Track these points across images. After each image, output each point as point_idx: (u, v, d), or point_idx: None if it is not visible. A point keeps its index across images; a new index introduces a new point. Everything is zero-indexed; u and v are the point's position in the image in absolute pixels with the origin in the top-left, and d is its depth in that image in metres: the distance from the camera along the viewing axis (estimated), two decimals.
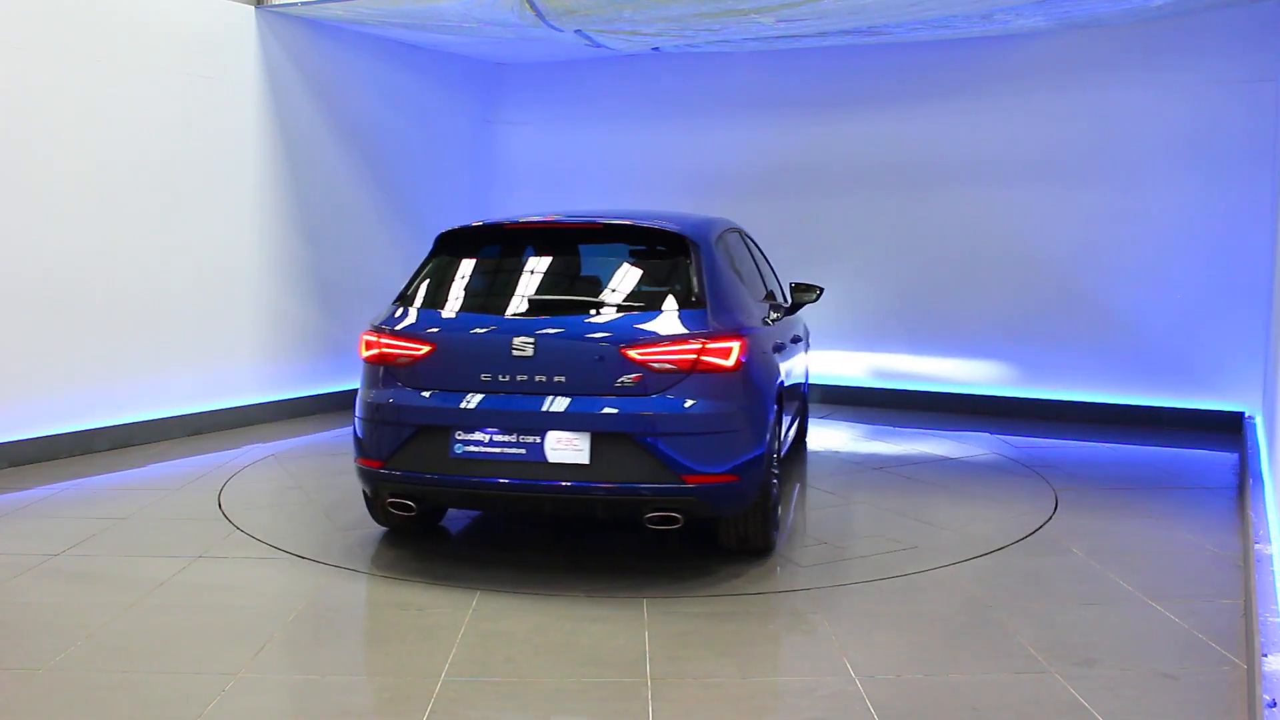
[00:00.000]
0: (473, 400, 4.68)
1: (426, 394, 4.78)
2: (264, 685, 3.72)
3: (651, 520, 4.64)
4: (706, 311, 4.78)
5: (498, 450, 4.64)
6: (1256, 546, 4.65)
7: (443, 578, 4.85)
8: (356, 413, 5.04)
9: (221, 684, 3.67)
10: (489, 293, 5.16)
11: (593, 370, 4.60)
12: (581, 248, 5.28)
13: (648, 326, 4.69)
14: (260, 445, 7.73)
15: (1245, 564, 4.81)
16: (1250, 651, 3.81)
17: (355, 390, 4.58)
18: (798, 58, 9.47)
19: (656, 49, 9.09)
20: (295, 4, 8.26)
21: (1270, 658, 3.39)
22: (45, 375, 7.04)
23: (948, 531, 5.61)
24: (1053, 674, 3.77)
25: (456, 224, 5.41)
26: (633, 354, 4.59)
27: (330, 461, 7.37)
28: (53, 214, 7.01)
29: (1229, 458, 7.41)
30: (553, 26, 7.90)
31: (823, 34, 8.06)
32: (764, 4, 7.05)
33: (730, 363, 4.65)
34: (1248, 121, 8.02)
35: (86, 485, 6.54)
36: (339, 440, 8.10)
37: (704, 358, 4.60)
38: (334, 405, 9.11)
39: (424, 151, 10.11)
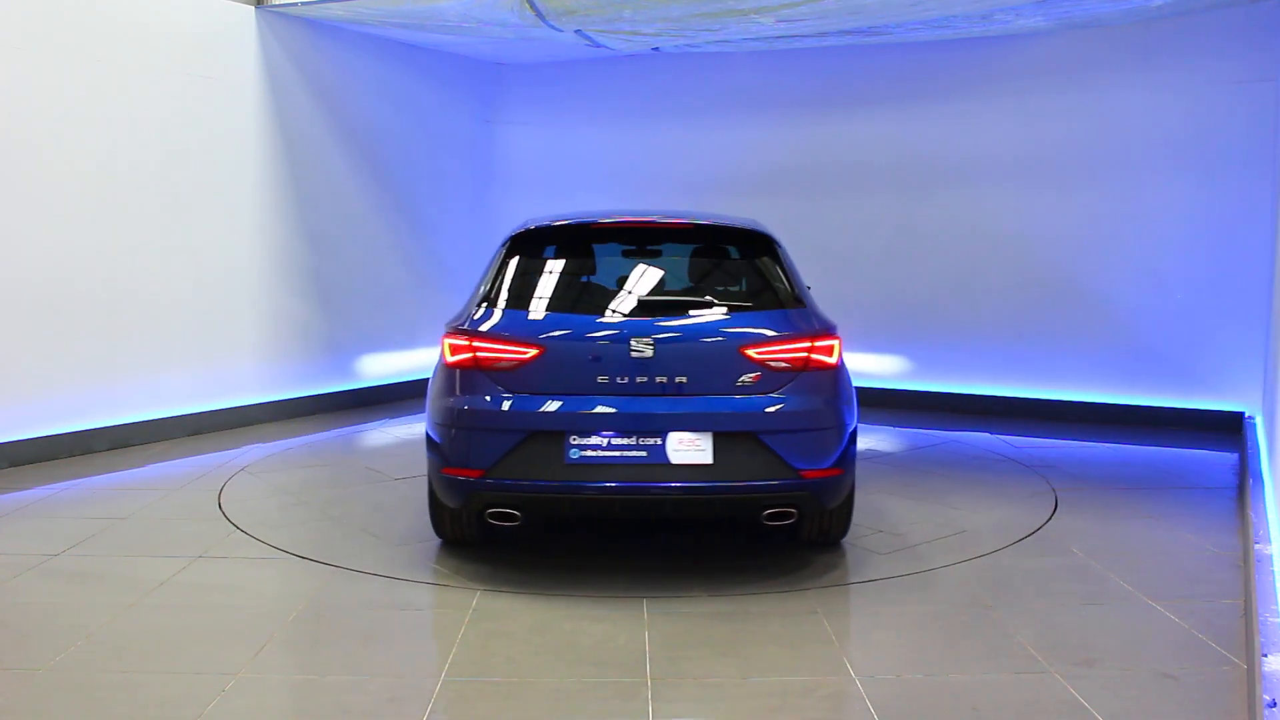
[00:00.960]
0: (590, 403, 4.57)
1: (537, 398, 4.61)
2: (264, 685, 3.72)
3: (769, 516, 4.70)
4: (808, 311, 4.94)
5: (617, 454, 4.56)
6: (1256, 546, 4.65)
7: (443, 578, 4.85)
8: (438, 420, 4.78)
9: (221, 684, 3.66)
10: (590, 293, 5.01)
11: (713, 370, 4.64)
12: (668, 247, 5.26)
13: (762, 326, 4.77)
14: (260, 445, 7.72)
15: (1245, 564, 4.81)
16: (1250, 651, 3.81)
17: (356, 390, 4.50)
18: (798, 58, 9.47)
19: (656, 49, 9.08)
20: (295, 4, 8.26)
21: (1270, 658, 3.39)
22: (45, 375, 7.03)
23: (978, 516, 5.62)
24: (1053, 674, 3.77)
25: (535, 222, 5.21)
26: (751, 353, 4.65)
27: (331, 462, 7.37)
28: (52, 214, 7.01)
29: (1229, 458, 7.41)
30: (553, 26, 7.90)
31: (822, 34, 8.06)
32: (764, 4, 7.05)
33: (833, 360, 4.79)
34: (1247, 122, 8.02)
35: (86, 485, 6.54)
36: (339, 440, 8.10)
37: (813, 356, 4.72)
38: (334, 405, 9.12)
39: (424, 151, 10.11)
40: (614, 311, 4.82)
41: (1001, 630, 4.23)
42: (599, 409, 4.57)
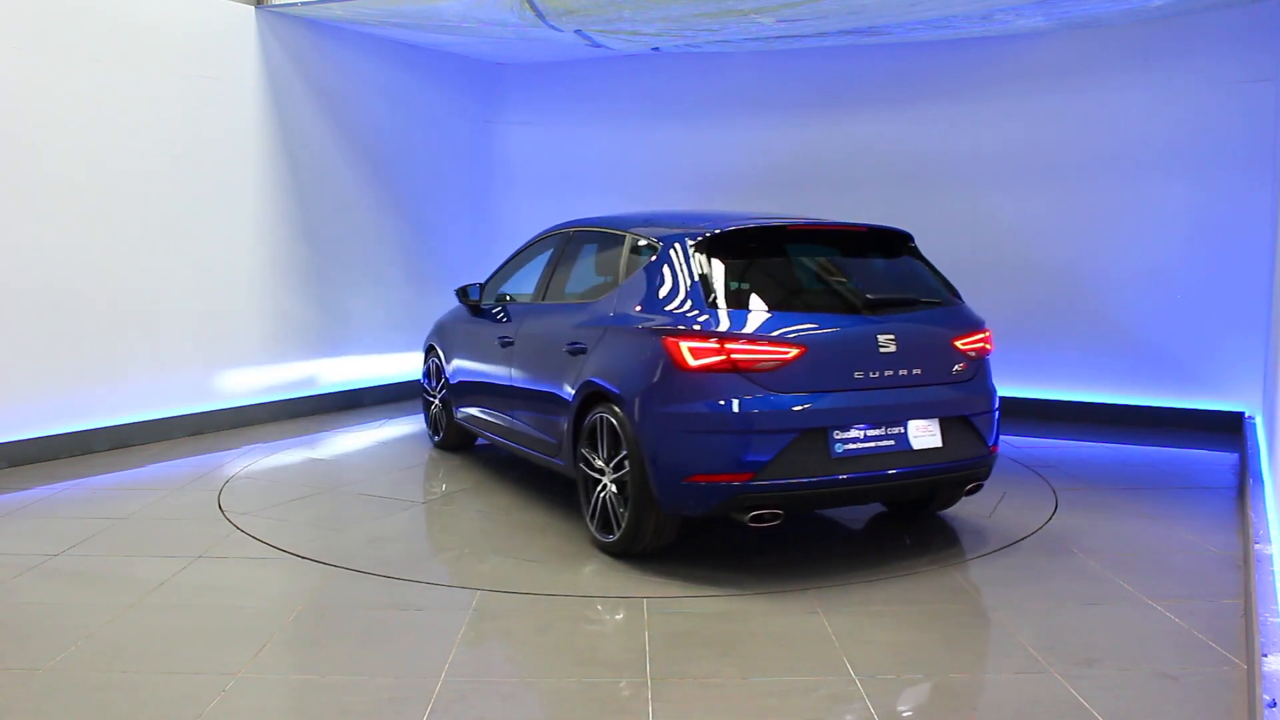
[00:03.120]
0: (850, 399, 4.79)
1: (802, 397, 4.69)
2: (264, 685, 3.72)
3: (970, 489, 5.33)
4: (965, 304, 5.44)
5: (871, 445, 4.81)
6: (1256, 546, 4.65)
7: (443, 578, 4.85)
8: (674, 427, 4.70)
9: (221, 684, 3.66)
10: (820, 292, 5.23)
11: (937, 360, 5.06)
12: (849, 248, 5.49)
13: (954, 319, 5.24)
14: (260, 445, 7.73)
15: (1245, 564, 4.81)
16: (1250, 651, 3.80)
17: (356, 390, 4.48)
18: (798, 58, 9.47)
19: (656, 49, 9.09)
20: (295, 4, 8.27)
21: (1270, 658, 3.39)
22: (45, 375, 7.04)
23: (978, 516, 5.62)
24: (1053, 674, 3.77)
25: (728, 224, 5.20)
26: (958, 344, 5.14)
27: (331, 462, 7.37)
28: (52, 213, 7.02)
29: (1229, 458, 7.41)
30: (553, 26, 7.90)
31: (823, 34, 8.07)
32: (764, 4, 7.05)
33: (991, 348, 5.37)
34: (1247, 122, 8.02)
35: (86, 485, 6.54)
36: (339, 440, 8.10)
37: (986, 345, 5.30)
38: (334, 405, 9.12)
39: (424, 151, 10.12)
40: (852, 310, 5.03)
41: (1001, 630, 4.23)
42: (857, 403, 4.81)
